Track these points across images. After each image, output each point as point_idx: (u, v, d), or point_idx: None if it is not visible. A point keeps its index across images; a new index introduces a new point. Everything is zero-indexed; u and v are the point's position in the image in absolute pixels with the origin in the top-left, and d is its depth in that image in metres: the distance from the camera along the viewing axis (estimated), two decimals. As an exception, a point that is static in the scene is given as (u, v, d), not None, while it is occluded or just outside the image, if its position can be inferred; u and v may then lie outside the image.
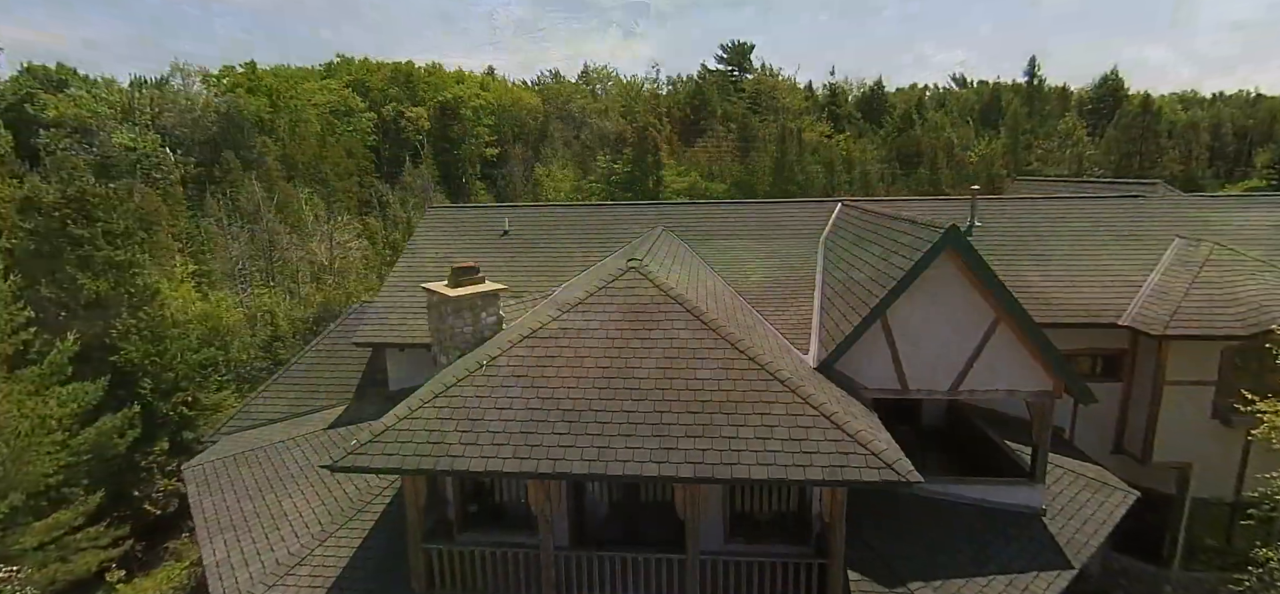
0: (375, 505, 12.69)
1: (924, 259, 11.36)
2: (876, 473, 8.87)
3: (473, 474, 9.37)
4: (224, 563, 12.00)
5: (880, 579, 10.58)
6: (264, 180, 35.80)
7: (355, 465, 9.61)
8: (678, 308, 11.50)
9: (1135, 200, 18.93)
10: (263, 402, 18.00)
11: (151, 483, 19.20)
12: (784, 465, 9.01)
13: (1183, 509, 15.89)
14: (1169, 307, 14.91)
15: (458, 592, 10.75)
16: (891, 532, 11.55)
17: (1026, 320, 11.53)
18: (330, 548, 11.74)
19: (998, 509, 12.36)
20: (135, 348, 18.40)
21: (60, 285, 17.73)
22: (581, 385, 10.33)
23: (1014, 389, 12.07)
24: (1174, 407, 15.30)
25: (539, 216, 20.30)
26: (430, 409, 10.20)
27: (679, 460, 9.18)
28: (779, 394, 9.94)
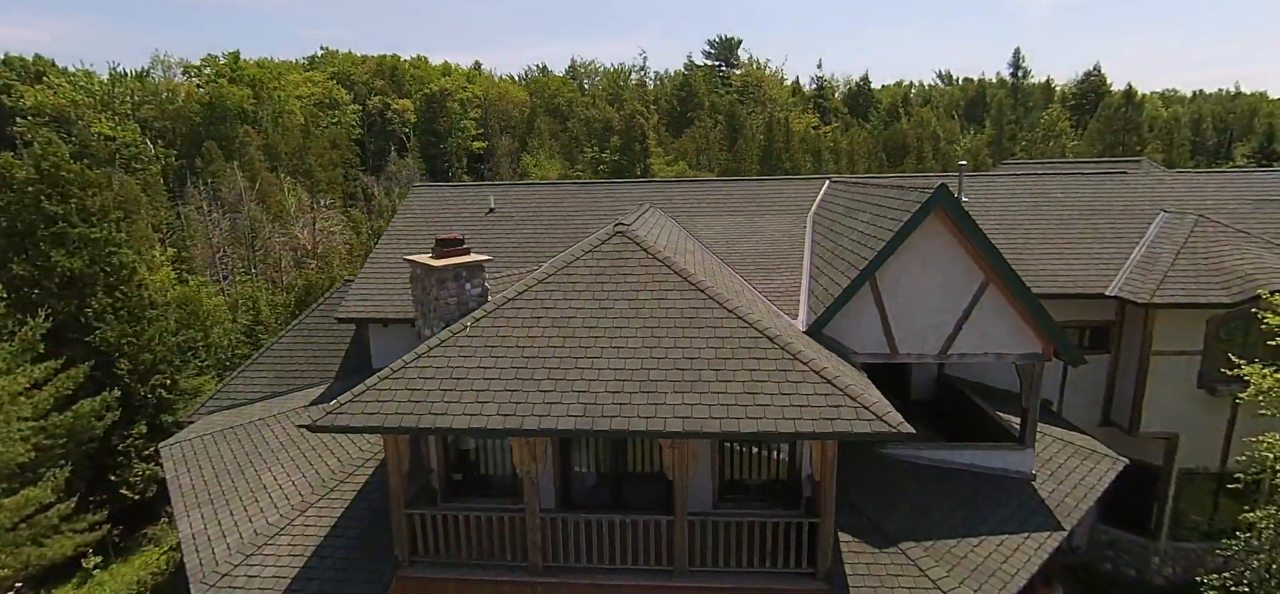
0: (357, 477, 12.43)
1: (914, 218, 11.27)
2: (867, 424, 8.75)
3: (456, 432, 9.15)
4: (200, 535, 11.70)
5: (871, 541, 10.48)
6: (247, 170, 35.27)
7: (335, 424, 9.37)
8: (666, 270, 11.34)
9: (1120, 177, 19.00)
10: (242, 382, 17.64)
11: (129, 467, 18.78)
12: (774, 419, 8.86)
13: (1170, 480, 15.92)
14: (1156, 276, 14.94)
15: (441, 558, 10.52)
16: (881, 497, 11.45)
17: (1016, 282, 11.48)
18: (310, 518, 11.47)
19: (988, 474, 12.31)
20: (112, 328, 17.97)
21: (33, 263, 17.28)
22: (568, 345, 10.13)
23: (1003, 352, 12.02)
24: (1161, 377, 15.33)
25: (525, 195, 20.07)
26: (413, 369, 9.97)
27: (667, 415, 9.00)
28: (768, 351, 9.80)
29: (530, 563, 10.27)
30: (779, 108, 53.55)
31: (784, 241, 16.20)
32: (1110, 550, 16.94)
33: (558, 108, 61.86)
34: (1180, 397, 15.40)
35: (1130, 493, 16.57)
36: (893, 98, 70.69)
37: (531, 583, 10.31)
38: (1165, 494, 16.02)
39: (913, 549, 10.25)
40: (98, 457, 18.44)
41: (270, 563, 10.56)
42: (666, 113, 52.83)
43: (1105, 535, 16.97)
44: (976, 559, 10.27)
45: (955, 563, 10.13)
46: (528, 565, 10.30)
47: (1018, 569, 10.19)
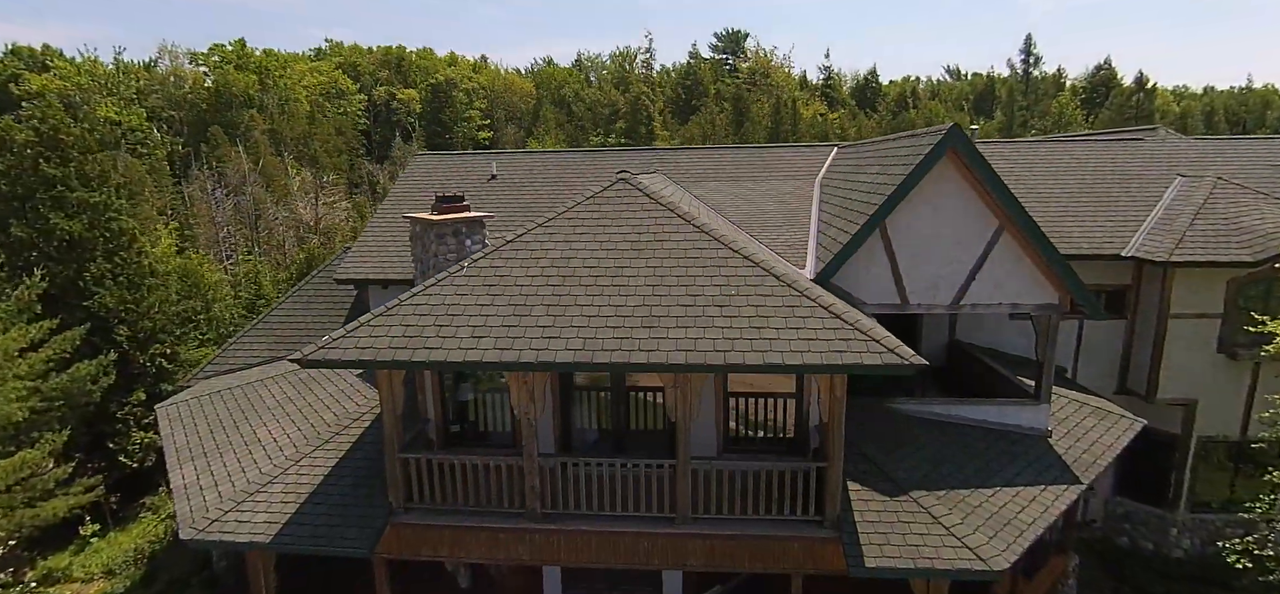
0: (353, 429, 12.16)
1: (926, 160, 10.90)
2: (877, 357, 8.40)
3: (451, 365, 8.85)
4: (192, 485, 11.45)
5: (880, 489, 10.12)
6: (252, 153, 35.16)
7: (327, 358, 9.09)
8: (669, 214, 11.03)
9: (1136, 142, 18.56)
10: (240, 348, 17.42)
11: (128, 435, 18.57)
12: (780, 352, 8.52)
13: (1188, 448, 15.47)
14: (1174, 236, 14.51)
15: (437, 504, 10.22)
16: (891, 448, 11.08)
17: (1032, 228, 11.08)
18: (304, 468, 11.20)
19: (1002, 431, 11.92)
20: (110, 293, 17.79)
21: (31, 225, 17.11)
22: (568, 284, 9.83)
23: (1019, 302, 11.63)
24: (1179, 341, 14.89)
25: (528, 162, 19.79)
26: (407, 307, 9.68)
27: (670, 348, 8.68)
28: (774, 289, 9.48)
29: (528, 509, 9.96)
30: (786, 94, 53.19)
31: (791, 200, 15.86)
32: (1126, 523, 16.48)
33: (563, 98, 61.68)
34: (1200, 362, 14.96)
35: (1147, 463, 16.15)
36: (900, 91, 70.12)
37: (530, 530, 10.00)
38: (1183, 463, 15.56)
39: (924, 497, 9.89)
40: (95, 424, 18.24)
41: (262, 509, 10.29)
42: (672, 101, 52.46)
43: (1121, 508, 16.52)
44: (991, 508, 9.90)
45: (970, 511, 9.75)
46: (526, 512, 9.99)
47: (1035, 519, 9.80)
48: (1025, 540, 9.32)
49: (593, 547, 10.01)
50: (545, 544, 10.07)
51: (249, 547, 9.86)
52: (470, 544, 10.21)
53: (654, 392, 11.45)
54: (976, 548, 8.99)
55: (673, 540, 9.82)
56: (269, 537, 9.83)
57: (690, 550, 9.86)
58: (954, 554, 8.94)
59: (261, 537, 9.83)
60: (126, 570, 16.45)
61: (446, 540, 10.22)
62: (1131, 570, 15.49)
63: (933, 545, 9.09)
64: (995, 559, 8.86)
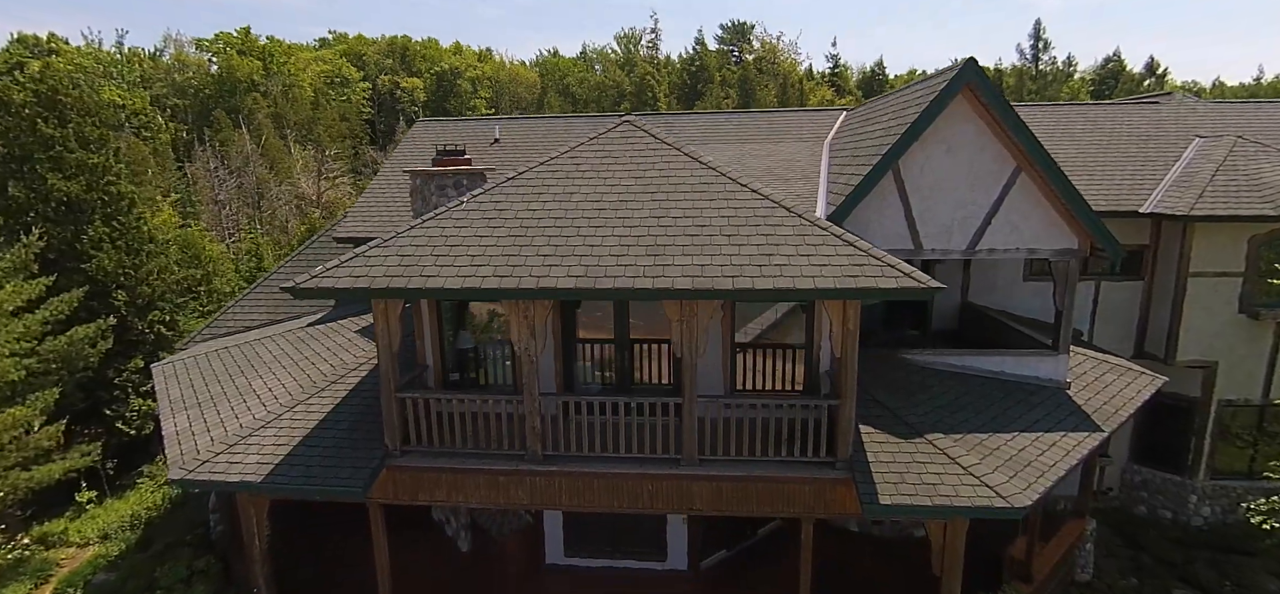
0: (349, 379, 11.87)
1: (942, 96, 10.52)
2: (893, 281, 8.05)
3: (448, 292, 8.52)
4: (184, 432, 11.16)
5: (894, 432, 9.75)
6: (255, 136, 34.98)
7: (320, 286, 8.79)
8: (675, 152, 10.71)
9: (1153, 106, 18.13)
10: (238, 311, 17.16)
11: (126, 402, 18.33)
12: (792, 277, 8.17)
13: (1208, 412, 15.03)
14: (1194, 191, 14.11)
15: (434, 447, 9.89)
16: (905, 395, 10.72)
17: (1052, 168, 10.69)
18: (299, 414, 10.89)
19: (1018, 382, 11.54)
20: (109, 257, 17.55)
21: (29, 186, 16.89)
22: (570, 216, 9.51)
23: (1036, 248, 11.25)
24: (1199, 301, 14.49)
25: (531, 127, 19.49)
26: (404, 238, 9.38)
27: (676, 274, 8.34)
28: (785, 219, 9.13)
29: (529, 451, 9.63)
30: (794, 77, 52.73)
31: (800, 160, 15.49)
32: (1144, 492, 16.06)
33: (568, 87, 61.35)
34: (1220, 322, 14.55)
35: (1165, 430, 15.75)
36: (907, 83, 69.24)
37: (530, 472, 9.67)
38: (1203, 428, 15.13)
39: (940, 440, 9.51)
40: (93, 390, 18.01)
41: (254, 452, 9.98)
42: (677, 87, 52.05)
43: (1139, 475, 16.10)
44: (1010, 451, 9.51)
45: (988, 453, 9.38)
46: (526, 454, 9.65)
47: (1056, 462, 9.41)
48: (1046, 481, 8.93)
49: (595, 490, 9.68)
50: (546, 487, 9.74)
51: (240, 487, 9.55)
52: (469, 488, 9.88)
53: (658, 343, 11.07)
54: (996, 486, 8.61)
55: (678, 483, 9.47)
56: (260, 477, 9.52)
57: (696, 494, 9.51)
58: (973, 492, 8.57)
59: (252, 477, 9.52)
60: (122, 535, 16.18)
61: (444, 484, 9.90)
62: (1149, 539, 15.07)
63: (950, 484, 8.72)
64: (1016, 497, 8.48)
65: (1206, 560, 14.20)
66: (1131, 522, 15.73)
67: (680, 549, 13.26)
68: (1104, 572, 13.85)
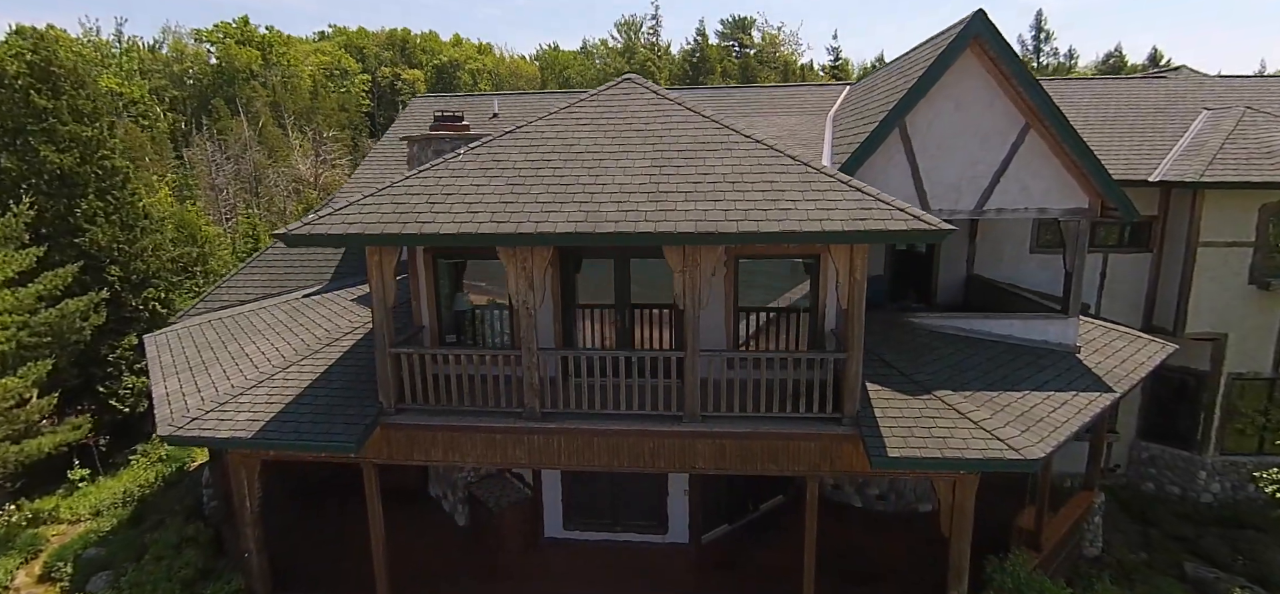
0: (344, 341, 11.63)
1: (950, 49, 10.31)
2: (903, 223, 7.80)
3: (443, 238, 8.27)
4: (175, 393, 10.91)
5: (902, 389, 9.51)
6: (253, 123, 34.73)
7: (313, 233, 8.53)
8: (677, 106, 10.48)
9: (1160, 80, 17.92)
10: (232, 286, 16.89)
11: (119, 379, 18.08)
12: (798, 220, 7.93)
13: (1218, 386, 14.79)
14: (1204, 159, 13.89)
15: (429, 405, 9.64)
16: (912, 356, 10.48)
17: (1062, 125, 10.47)
18: (292, 375, 10.64)
19: (1027, 346, 11.31)
20: (103, 231, 17.31)
21: (21, 158, 16.65)
22: (568, 166, 9.28)
23: (1046, 207, 11.02)
24: (1208, 272, 14.26)
25: (531, 104, 19.24)
26: (400, 187, 9.14)
27: (678, 218, 8.10)
28: (790, 167, 8.91)
29: (527, 408, 9.38)
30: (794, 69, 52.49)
31: (802, 131, 15.27)
32: (1152, 468, 15.82)
33: (569, 79, 61.07)
34: (1230, 294, 14.32)
35: (1174, 405, 15.52)
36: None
37: (529, 430, 9.42)
38: (1213, 403, 14.89)
39: (949, 396, 9.27)
40: (87, 367, 17.76)
41: (245, 410, 9.73)
42: (678, 78, 51.80)
43: (1146, 451, 15.85)
44: (1021, 408, 9.29)
45: (999, 409, 9.15)
46: (525, 411, 9.40)
47: (1068, 418, 9.18)
48: (1058, 437, 8.70)
49: (595, 448, 9.43)
50: (545, 446, 9.50)
51: (230, 443, 9.30)
52: (465, 447, 9.64)
53: (659, 308, 10.80)
54: (1008, 439, 8.37)
55: (680, 441, 9.23)
56: (251, 434, 9.27)
57: (699, 452, 9.27)
58: (984, 445, 8.33)
59: (243, 433, 9.27)
60: (114, 511, 15.92)
61: (440, 443, 9.65)
62: (1158, 515, 14.83)
63: (960, 438, 8.48)
64: (1029, 450, 8.24)
65: (1217, 536, 13.96)
66: (1139, 498, 15.49)
67: (681, 522, 13.02)
68: (1113, 546, 13.60)
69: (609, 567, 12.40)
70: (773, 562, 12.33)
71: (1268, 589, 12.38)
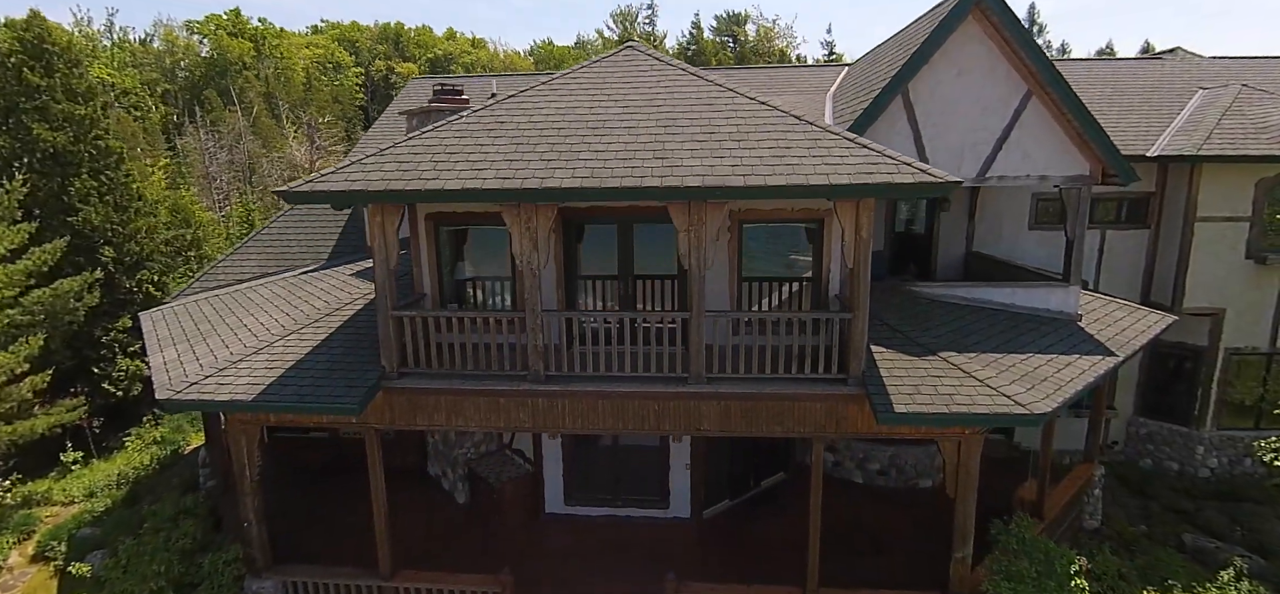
0: (345, 311, 11.54)
1: (951, 16, 10.33)
2: (911, 176, 7.78)
3: (447, 194, 8.20)
4: (173, 363, 10.79)
5: (907, 351, 9.50)
6: (247, 113, 34.49)
7: (315, 191, 8.46)
8: (681, 71, 10.46)
9: (1156, 62, 18.03)
10: (229, 266, 16.76)
11: (113, 362, 17.89)
12: (805, 174, 7.90)
13: (1216, 361, 14.87)
14: (1202, 134, 13.96)
15: (432, 369, 9.56)
16: (915, 321, 10.49)
17: (1065, 92, 10.51)
18: (292, 342, 10.54)
19: (1029, 313, 11.32)
20: (96, 211, 17.13)
21: (14, 135, 16.45)
22: (572, 126, 9.24)
23: (1047, 175, 11.06)
24: (1206, 248, 14.33)
25: (530, 83, 19.14)
26: (403, 147, 9.07)
27: (684, 174, 8.06)
28: (796, 125, 8.90)
29: (531, 370, 9.31)
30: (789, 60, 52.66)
31: (800, 107, 15.17)
32: (1150, 444, 15.88)
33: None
34: (1227, 269, 14.40)
35: (1171, 380, 15.60)
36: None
37: (532, 392, 9.36)
38: (1210, 378, 14.97)
39: (954, 357, 9.28)
40: (80, 349, 17.56)
41: (244, 375, 9.61)
42: (674, 73, 51.87)
43: (1144, 428, 15.92)
44: (1026, 368, 9.30)
45: (1003, 369, 9.15)
46: (529, 374, 9.34)
47: (1072, 378, 9.20)
48: (1063, 394, 8.71)
49: (600, 411, 9.39)
50: (548, 409, 9.44)
51: (229, 406, 9.19)
52: (468, 411, 9.57)
53: (663, 279, 10.76)
54: (1014, 396, 8.37)
55: (685, 402, 9.19)
56: (251, 397, 9.17)
57: (703, 414, 9.23)
58: (990, 401, 8.33)
59: (243, 396, 9.17)
60: (108, 492, 15.75)
61: (443, 407, 9.59)
62: (1157, 490, 14.89)
63: (966, 394, 8.48)
64: (1035, 405, 8.25)
65: (1216, 509, 14.02)
66: (1137, 474, 15.54)
67: (682, 497, 12.99)
68: (1112, 519, 13.65)
69: (610, 541, 12.37)
70: (775, 535, 12.32)
71: (1266, 558, 12.44)
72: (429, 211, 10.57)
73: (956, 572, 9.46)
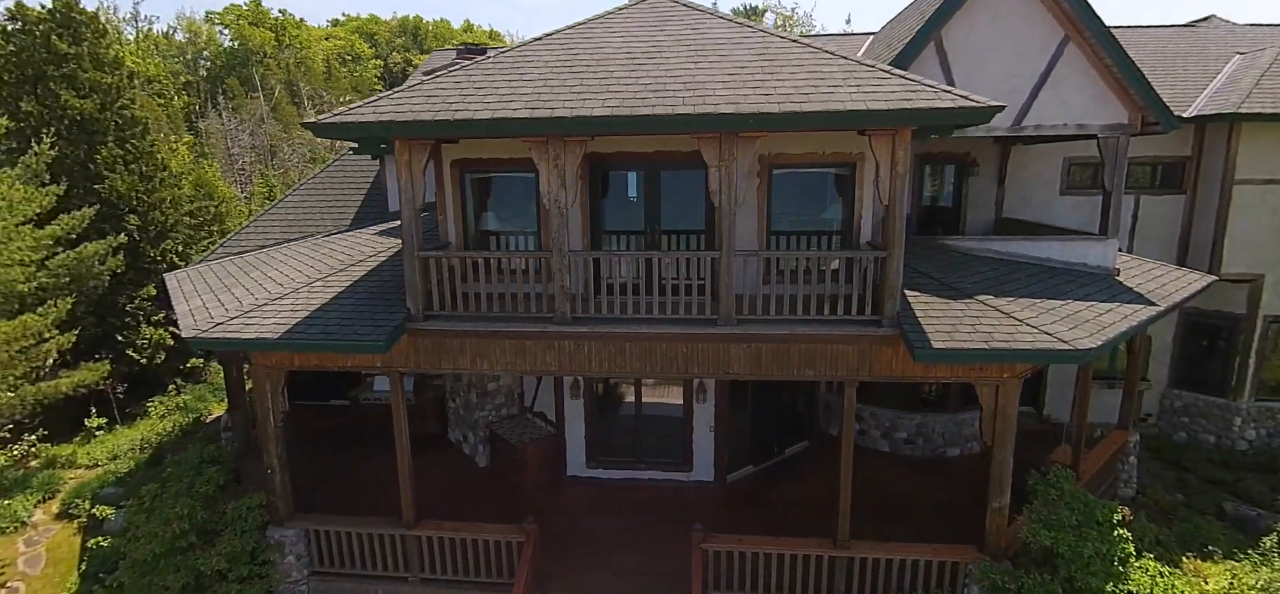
0: (368, 262, 11.47)
1: (987, -45, 10.10)
2: (950, 101, 7.58)
3: (478, 124, 8.09)
4: (199, 309, 10.78)
5: (943, 296, 9.26)
6: (268, 96, 34.75)
7: (344, 121, 8.38)
8: (707, 14, 10.29)
9: (1190, 28, 17.63)
10: (253, 232, 16.80)
11: (137, 330, 18.01)
12: (841, 101, 7.72)
13: (1254, 329, 14.46)
14: (1240, 93, 13.60)
15: (458, 312, 9.47)
16: (949, 271, 10.23)
17: (1104, 34, 10.23)
18: (318, 288, 10.46)
19: (1065, 267, 11.03)
20: (122, 179, 17.26)
21: (41, 101, 16.62)
22: (601, 64, 9.08)
23: (1085, 123, 10.77)
24: (1245, 211, 13.97)
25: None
26: (431, 84, 8.98)
27: (716, 102, 7.90)
28: (830, 60, 8.70)
29: (558, 312, 9.18)
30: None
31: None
32: (1185, 417, 15.49)
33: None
34: (1266, 232, 14.03)
35: (1207, 350, 15.21)
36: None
37: (559, 335, 9.23)
38: (1248, 346, 14.56)
39: (992, 300, 9.02)
40: (105, 316, 17.70)
41: (270, 317, 9.55)
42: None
43: (1179, 400, 15.53)
44: (1067, 312, 9.04)
45: (1043, 312, 8.89)
46: (555, 316, 9.21)
47: (1114, 322, 8.92)
48: (1108, 333, 8.44)
49: (628, 354, 9.23)
50: (575, 352, 9.30)
51: (255, 344, 9.14)
52: (494, 354, 9.46)
53: (690, 235, 10.58)
54: (1057, 333, 8.12)
55: (714, 345, 9.02)
56: (277, 335, 9.11)
57: (733, 357, 9.05)
58: (1032, 338, 8.08)
59: (269, 335, 9.12)
60: (132, 455, 15.84)
61: (468, 350, 9.47)
62: (1193, 462, 14.50)
63: (1006, 332, 8.24)
64: (1079, 342, 7.99)
65: (1256, 479, 13.64)
66: (1172, 447, 15.16)
67: (706, 460, 12.81)
68: (1148, 489, 13.30)
69: (634, 501, 12.24)
70: (801, 499, 12.11)
71: (1311, 527, 12.04)
72: (455, 158, 10.51)
73: (993, 523, 9.19)
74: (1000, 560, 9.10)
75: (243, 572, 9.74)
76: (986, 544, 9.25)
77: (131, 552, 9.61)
